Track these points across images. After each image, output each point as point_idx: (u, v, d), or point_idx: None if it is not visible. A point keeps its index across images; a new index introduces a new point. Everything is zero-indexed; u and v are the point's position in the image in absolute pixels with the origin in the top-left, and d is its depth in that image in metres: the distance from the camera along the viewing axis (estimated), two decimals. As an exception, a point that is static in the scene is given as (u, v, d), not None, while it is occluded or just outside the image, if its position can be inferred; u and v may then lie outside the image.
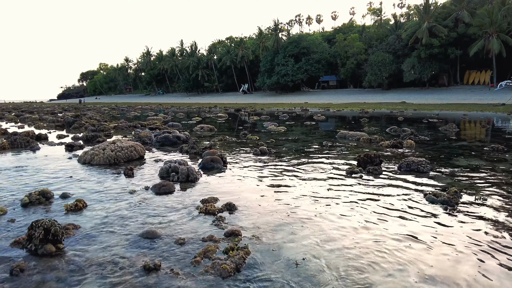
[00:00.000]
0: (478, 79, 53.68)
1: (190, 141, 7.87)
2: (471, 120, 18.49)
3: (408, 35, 53.65)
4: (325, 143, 9.10)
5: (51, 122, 16.68)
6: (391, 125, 15.45)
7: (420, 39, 51.09)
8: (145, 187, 4.80)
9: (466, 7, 51.57)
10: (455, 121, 17.78)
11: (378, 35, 65.80)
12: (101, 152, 6.59)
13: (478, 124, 16.12)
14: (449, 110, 27.87)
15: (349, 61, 63.36)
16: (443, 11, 53.68)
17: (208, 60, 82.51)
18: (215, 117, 22.40)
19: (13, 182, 5.24)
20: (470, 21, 49.40)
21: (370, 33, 69.70)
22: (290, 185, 5.02)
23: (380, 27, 72.84)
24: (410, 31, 53.45)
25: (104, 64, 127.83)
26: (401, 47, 56.77)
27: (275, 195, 4.53)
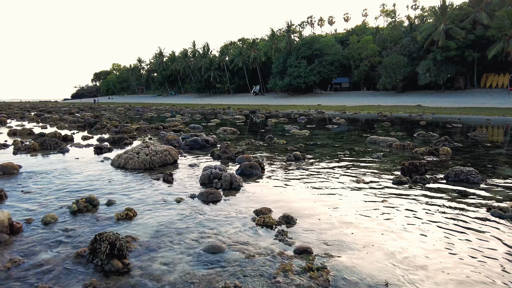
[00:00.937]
0: (496, 83, 52.55)
1: (222, 145, 7.70)
2: (496, 125, 17.96)
3: (423, 38, 52.86)
4: (357, 149, 8.85)
5: (72, 123, 16.75)
6: (414, 129, 15.09)
7: (436, 42, 50.30)
8: (191, 195, 4.64)
9: (485, 9, 50.57)
10: (480, 126, 17.29)
11: (392, 37, 65.04)
12: (136, 156, 6.48)
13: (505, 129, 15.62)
14: (469, 114, 27.21)
15: (362, 63, 62.75)
16: (460, 13, 52.72)
17: (220, 61, 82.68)
18: (232, 119, 22.27)
19: (54, 186, 5.14)
20: (488, 23, 48.41)
21: (384, 35, 68.94)
22: (338, 194, 4.81)
23: (394, 29, 71.99)
24: (426, 33, 52.64)
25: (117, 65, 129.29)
26: (416, 49, 56.00)
27: (327, 206, 4.32)
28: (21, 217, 3.79)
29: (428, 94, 54.23)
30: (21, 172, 6.09)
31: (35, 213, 3.96)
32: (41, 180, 5.56)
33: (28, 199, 4.52)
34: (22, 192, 4.82)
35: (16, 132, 12.41)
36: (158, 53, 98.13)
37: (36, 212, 4.02)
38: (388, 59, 56.64)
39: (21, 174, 5.96)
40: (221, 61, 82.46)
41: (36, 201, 4.43)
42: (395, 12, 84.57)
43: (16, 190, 4.95)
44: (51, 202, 4.38)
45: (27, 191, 4.89)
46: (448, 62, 50.94)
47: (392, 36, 65.96)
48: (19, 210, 4.08)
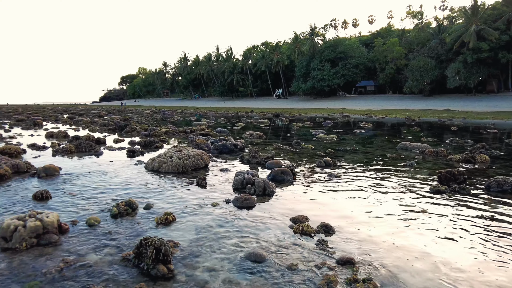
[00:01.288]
0: (532, 86, 49.98)
1: (251, 150, 7.73)
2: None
3: (452, 39, 51.12)
4: (389, 156, 8.64)
5: (103, 126, 17.34)
6: (445, 135, 14.58)
7: (466, 43, 48.47)
8: (225, 200, 4.68)
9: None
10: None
11: (419, 39, 63.28)
12: (169, 160, 6.61)
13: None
14: (504, 119, 25.97)
15: (388, 66, 61.40)
16: (493, 13, 50.60)
17: (243, 65, 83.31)
18: (256, 122, 22.33)
19: (93, 188, 5.33)
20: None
21: (411, 37, 67.19)
22: (375, 203, 4.70)
23: (422, 31, 69.99)
24: (455, 34, 50.88)
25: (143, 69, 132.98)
26: (444, 51, 54.22)
27: (365, 215, 4.24)
28: (66, 218, 3.95)
29: (458, 98, 52.25)
30: (61, 174, 6.35)
31: (79, 215, 4.11)
32: (81, 182, 5.77)
33: (70, 200, 4.71)
34: (64, 194, 5.03)
35: (53, 134, 12.98)
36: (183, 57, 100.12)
37: (79, 213, 4.17)
38: (415, 61, 55.13)
39: (61, 176, 6.21)
40: (244, 65, 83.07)
41: (78, 202, 4.60)
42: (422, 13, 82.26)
43: (58, 191, 5.16)
44: (92, 204, 4.54)
45: (69, 192, 5.09)
46: (480, 64, 48.96)
47: (419, 38, 64.18)
48: (63, 211, 4.25)
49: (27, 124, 19.43)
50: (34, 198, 4.72)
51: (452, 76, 51.62)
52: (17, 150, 8.64)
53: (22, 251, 3.12)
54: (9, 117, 27.49)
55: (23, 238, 3.20)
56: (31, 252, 3.12)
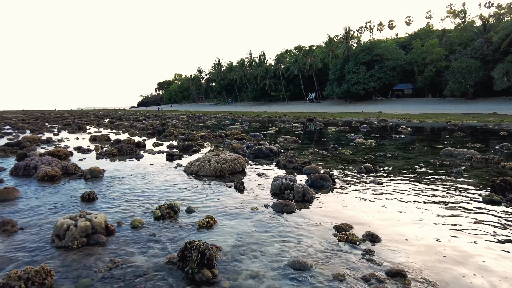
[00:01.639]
0: None
1: (287, 155, 7.65)
2: None
3: (500, 38, 48.07)
4: (433, 162, 8.20)
5: (142, 130, 18.00)
6: (493, 140, 13.63)
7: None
8: (265, 205, 4.64)
9: None
10: None
11: (462, 40, 60.14)
12: (207, 164, 6.69)
13: None
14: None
15: (427, 68, 58.85)
16: (546, 10, 47.01)
17: (275, 69, 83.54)
18: (290, 127, 22.19)
19: (136, 190, 5.50)
20: None
21: (452, 37, 63.99)
22: (422, 212, 4.45)
23: (464, 31, 66.48)
24: (504, 33, 47.81)
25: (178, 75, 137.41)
26: (490, 51, 51.07)
27: (412, 224, 4.02)
28: (112, 219, 4.09)
29: (506, 100, 48.89)
30: (105, 176, 6.63)
31: (123, 216, 4.25)
32: (123, 184, 5.98)
33: (114, 202, 4.88)
34: (108, 195, 5.23)
35: (96, 138, 13.66)
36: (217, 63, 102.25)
37: (123, 215, 4.31)
38: (457, 63, 52.35)
39: (105, 178, 6.48)
40: (276, 69, 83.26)
41: (122, 204, 4.76)
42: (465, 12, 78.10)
43: (103, 193, 5.38)
44: (135, 205, 4.68)
45: (113, 194, 5.29)
46: (531, 65, 45.61)
47: (461, 38, 61.00)
48: (109, 212, 4.41)
49: (72, 128, 20.65)
50: (82, 199, 4.94)
51: (499, 78, 48.42)
52: (65, 152, 9.16)
53: (74, 250, 3.26)
54: (57, 121, 29.37)
55: (74, 237, 3.35)
56: (82, 251, 3.25)
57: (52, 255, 3.16)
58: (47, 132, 18.00)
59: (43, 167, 6.80)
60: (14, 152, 9.82)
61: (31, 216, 4.30)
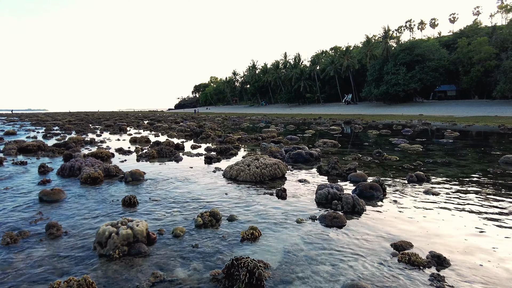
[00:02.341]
0: None
1: (331, 160, 7.25)
2: None
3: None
4: (492, 171, 7.43)
5: (180, 132, 18.27)
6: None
7: None
8: (311, 217, 4.32)
9: None
10: None
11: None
12: (246, 168, 6.48)
13: None
14: None
15: (474, 68, 55.23)
16: None
17: (310, 71, 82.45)
18: (327, 129, 21.56)
19: (176, 195, 5.39)
20: None
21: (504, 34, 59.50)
22: (489, 229, 3.91)
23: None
24: None
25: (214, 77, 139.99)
26: (549, 49, 46.89)
27: (482, 243, 3.52)
28: (153, 227, 3.96)
29: None
30: (145, 179, 6.62)
31: (164, 223, 4.11)
32: (164, 188, 5.91)
33: (155, 207, 4.79)
34: (149, 200, 5.16)
35: (136, 139, 13.98)
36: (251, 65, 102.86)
37: (164, 221, 4.18)
38: (509, 61, 48.62)
39: (145, 181, 6.47)
40: (311, 71, 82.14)
41: (162, 210, 4.65)
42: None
43: (144, 197, 5.32)
44: (175, 211, 4.55)
45: (154, 199, 5.21)
46: None
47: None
48: (149, 218, 4.30)
49: (114, 129, 21.44)
50: (123, 203, 4.90)
51: (559, 77, 44.37)
52: (107, 154, 9.37)
53: (115, 259, 3.14)
54: (99, 123, 30.77)
55: (116, 246, 3.23)
56: (123, 261, 3.12)
57: (94, 265, 3.05)
58: (91, 133, 18.80)
59: (87, 169, 6.93)
60: (61, 152, 10.23)
61: (75, 219, 4.29)
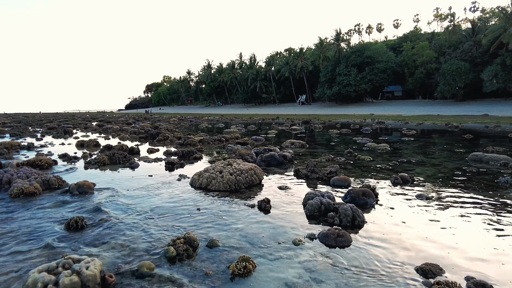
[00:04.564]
0: None
1: (309, 163, 6.62)
2: None
3: (489, 41, 48.42)
4: (468, 170, 7.31)
5: (133, 134, 16.73)
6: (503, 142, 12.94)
7: (505, 44, 45.69)
8: (309, 236, 3.58)
9: None
10: None
11: (451, 42, 60.54)
12: (219, 176, 5.62)
13: None
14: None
15: (418, 70, 59.02)
16: (534, 13, 47.58)
17: (266, 71, 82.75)
18: (289, 129, 21.22)
19: (137, 214, 4.38)
20: None
21: (441, 40, 64.40)
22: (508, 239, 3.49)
23: (453, 34, 67.08)
24: (492, 35, 48.18)
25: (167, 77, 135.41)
26: (479, 54, 51.44)
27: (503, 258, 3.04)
28: (109, 263, 2.99)
29: (495, 102, 49.25)
30: (96, 192, 5.48)
31: (124, 257, 3.14)
32: (120, 203, 4.85)
33: (110, 232, 3.77)
34: (102, 222, 4.10)
35: (83, 143, 12.38)
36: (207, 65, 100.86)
37: (124, 254, 3.20)
38: (447, 65, 52.56)
39: (96, 195, 5.34)
40: (267, 72, 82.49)
41: (120, 235, 3.65)
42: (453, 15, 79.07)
43: (94, 217, 4.25)
44: (138, 237, 3.57)
45: (108, 220, 4.16)
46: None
47: (450, 41, 61.44)
48: (103, 250, 3.30)
49: (58, 132, 19.18)
50: (66, 227, 3.82)
51: (488, 80, 48.75)
52: (48, 162, 7.94)
53: (54, 324, 2.15)
54: (41, 125, 27.69)
55: (55, 301, 2.24)
56: (67, 326, 2.14)
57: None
58: (30, 137, 16.54)
59: (19, 182, 5.61)
60: (-13, 161, 8.51)
61: (-4, 256, 3.15)
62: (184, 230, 3.74)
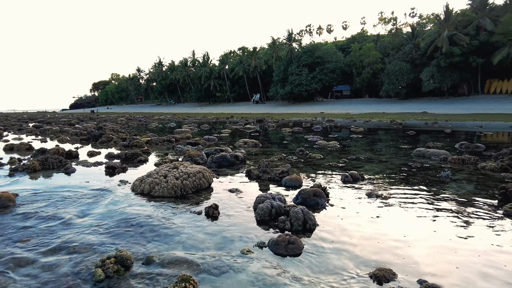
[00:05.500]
0: (500, 88, 51.93)
1: (261, 163, 6.40)
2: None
3: (426, 44, 52.36)
4: (413, 165, 7.59)
5: (74, 135, 15.41)
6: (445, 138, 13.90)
7: (440, 48, 49.69)
8: (258, 244, 3.32)
9: (488, 15, 50.12)
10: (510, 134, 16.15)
11: (394, 44, 64.56)
12: (163, 181, 5.17)
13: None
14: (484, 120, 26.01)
15: (365, 70, 62.11)
16: (463, 19, 52.27)
17: (220, 70, 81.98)
18: (242, 128, 21.02)
19: (63, 229, 3.81)
20: (493, 29, 47.93)
21: (385, 42, 68.44)
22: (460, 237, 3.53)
23: (396, 36, 71.60)
24: (429, 39, 52.14)
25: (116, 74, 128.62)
26: (419, 56, 55.43)
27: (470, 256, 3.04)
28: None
29: (432, 100, 53.48)
30: (18, 205, 4.76)
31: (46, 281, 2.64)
32: (45, 218, 4.22)
33: (28, 254, 3.20)
34: (18, 242, 3.49)
35: (13, 147, 11.06)
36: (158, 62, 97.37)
37: (44, 279, 2.70)
38: (391, 66, 55.98)
39: (17, 208, 4.63)
40: (221, 70, 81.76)
41: (42, 257, 3.11)
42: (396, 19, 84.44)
43: (10, 238, 3.62)
44: (62, 259, 3.06)
45: (26, 239, 3.56)
46: (452, 68, 50.33)
47: (394, 43, 65.49)
48: (18, 275, 2.76)
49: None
50: (-28, 250, 3.17)
51: (426, 80, 52.73)
52: (-38, 170, 6.87)
53: None
54: (-36, 127, 24.59)
55: None
56: None
57: None
58: None
59: None
60: None
61: None
62: (119, 246, 3.30)
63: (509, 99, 46.10)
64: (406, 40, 61.58)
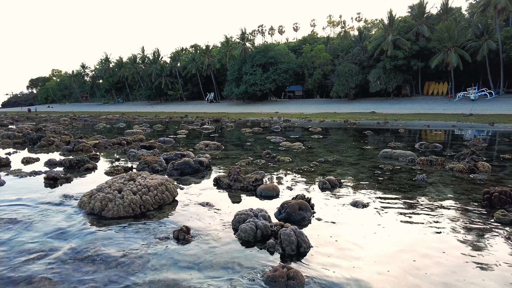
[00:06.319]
0: (436, 90, 56.42)
1: (232, 170, 5.71)
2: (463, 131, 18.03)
3: (373, 47, 55.10)
4: (385, 168, 7.40)
5: (7, 138, 13.36)
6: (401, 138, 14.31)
7: (385, 51, 52.54)
8: (250, 280, 2.66)
9: (425, 22, 54.04)
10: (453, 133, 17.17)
11: (343, 47, 67.14)
12: (118, 196, 4.28)
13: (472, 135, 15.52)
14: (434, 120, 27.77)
15: (316, 71, 63.77)
16: (404, 25, 55.83)
17: (171, 67, 79.26)
18: (200, 129, 20.06)
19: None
20: (429, 36, 51.84)
21: (335, 44, 70.90)
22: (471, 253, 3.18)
23: (345, 39, 74.54)
24: (376, 43, 54.93)
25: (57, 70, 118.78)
26: (366, 58, 58.19)
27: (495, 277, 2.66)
28: None
29: (379, 101, 56.45)
30: None
31: None
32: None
33: None
34: None
35: None
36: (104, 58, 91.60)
37: None
38: (341, 67, 58.08)
39: None
40: (172, 68, 79.08)
41: None
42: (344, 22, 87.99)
43: None
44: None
45: None
46: (397, 71, 53.55)
47: (343, 45, 68.09)
48: None
49: None
50: None
51: (374, 81, 55.52)
52: None
53: None
54: None
55: None
56: None
57: None
58: None
59: None
60: None
61: None
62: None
63: (444, 100, 50.19)
64: (354, 43, 64.33)
